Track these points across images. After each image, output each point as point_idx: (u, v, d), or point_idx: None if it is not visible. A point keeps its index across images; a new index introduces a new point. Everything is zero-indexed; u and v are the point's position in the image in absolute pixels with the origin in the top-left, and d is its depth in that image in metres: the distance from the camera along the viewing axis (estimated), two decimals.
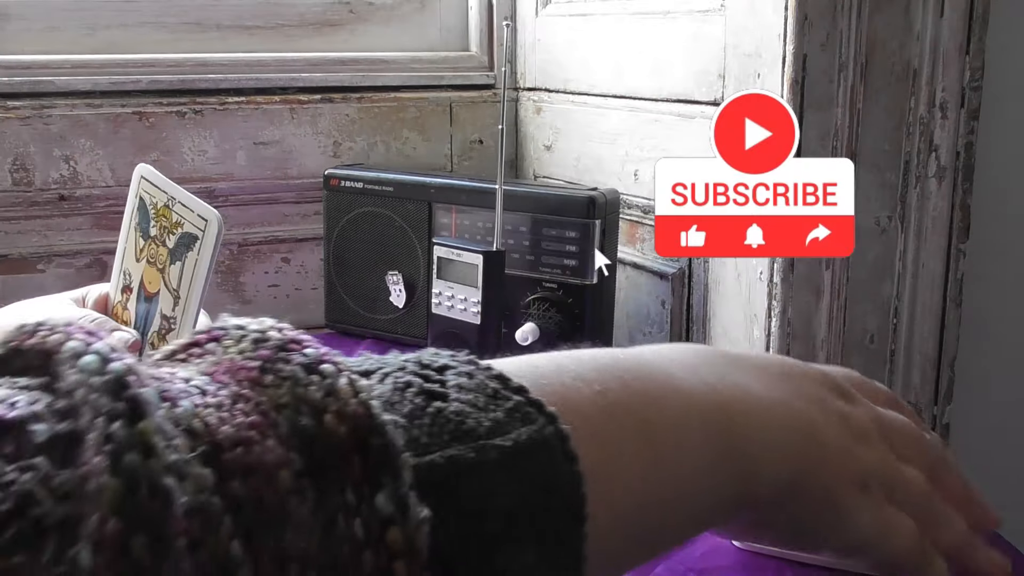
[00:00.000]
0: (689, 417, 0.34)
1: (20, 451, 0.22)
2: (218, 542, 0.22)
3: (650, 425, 0.32)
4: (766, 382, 0.38)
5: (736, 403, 0.36)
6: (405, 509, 0.24)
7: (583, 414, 0.30)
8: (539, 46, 1.04)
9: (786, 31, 0.72)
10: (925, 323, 0.82)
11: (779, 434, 0.36)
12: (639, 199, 0.89)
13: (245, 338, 0.27)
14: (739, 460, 0.35)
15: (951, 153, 0.79)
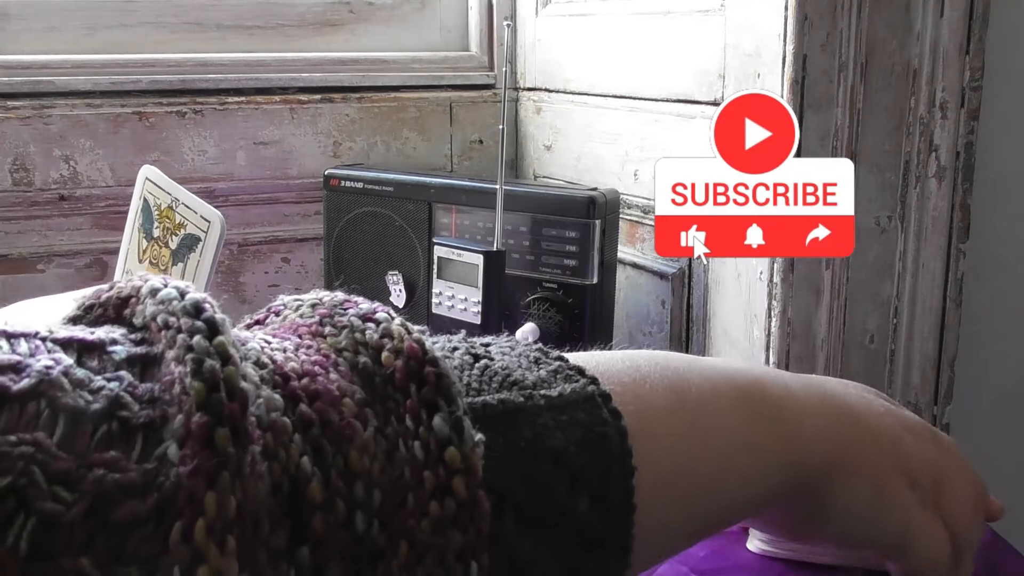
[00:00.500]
0: (725, 387, 0.34)
1: (103, 366, 0.23)
2: (289, 456, 0.23)
3: (685, 396, 0.33)
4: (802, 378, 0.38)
5: (771, 380, 0.36)
6: (460, 431, 0.26)
7: (620, 382, 0.31)
8: (539, 46, 1.04)
9: (786, 31, 0.72)
10: (925, 323, 0.82)
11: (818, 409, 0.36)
12: (639, 199, 0.90)
13: (303, 305, 0.29)
14: (778, 426, 0.35)
15: (951, 153, 0.79)
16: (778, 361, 0.76)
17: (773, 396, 0.35)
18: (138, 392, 0.23)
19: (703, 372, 0.34)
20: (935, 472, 0.38)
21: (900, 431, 0.38)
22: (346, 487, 0.24)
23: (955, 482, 0.39)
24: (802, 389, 0.37)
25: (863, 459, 0.36)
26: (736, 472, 0.34)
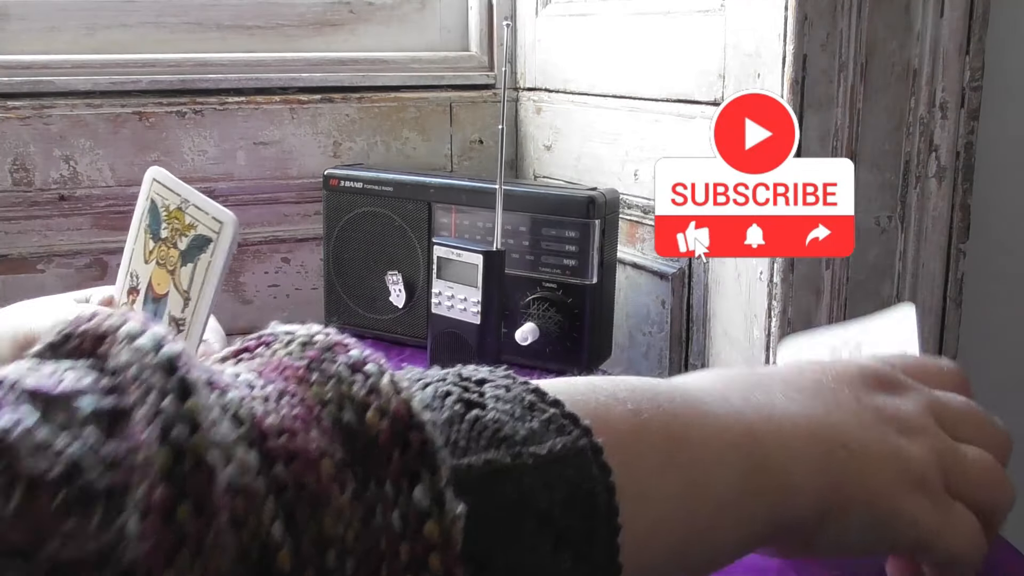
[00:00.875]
0: (718, 442, 0.34)
1: (69, 422, 0.22)
2: (260, 522, 0.22)
3: (679, 449, 0.32)
4: (794, 397, 0.37)
5: (761, 424, 0.35)
6: (442, 503, 0.25)
7: (615, 431, 0.30)
8: (539, 46, 1.04)
9: (786, 31, 0.72)
10: (925, 323, 0.82)
11: (806, 449, 0.35)
12: (639, 199, 0.89)
13: (293, 341, 0.28)
14: (769, 477, 0.34)
15: (951, 153, 0.79)
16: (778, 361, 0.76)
17: (763, 445, 0.34)
18: (102, 453, 0.22)
19: (703, 422, 0.34)
20: (941, 459, 0.37)
21: (895, 439, 0.36)
22: (318, 555, 0.23)
23: (967, 458, 0.38)
24: (791, 426, 0.35)
25: (855, 487, 0.35)
26: (725, 526, 0.33)
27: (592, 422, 0.30)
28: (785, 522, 0.34)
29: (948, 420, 0.39)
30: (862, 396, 0.38)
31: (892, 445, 0.36)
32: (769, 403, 0.36)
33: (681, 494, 0.32)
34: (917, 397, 0.39)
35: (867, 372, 0.39)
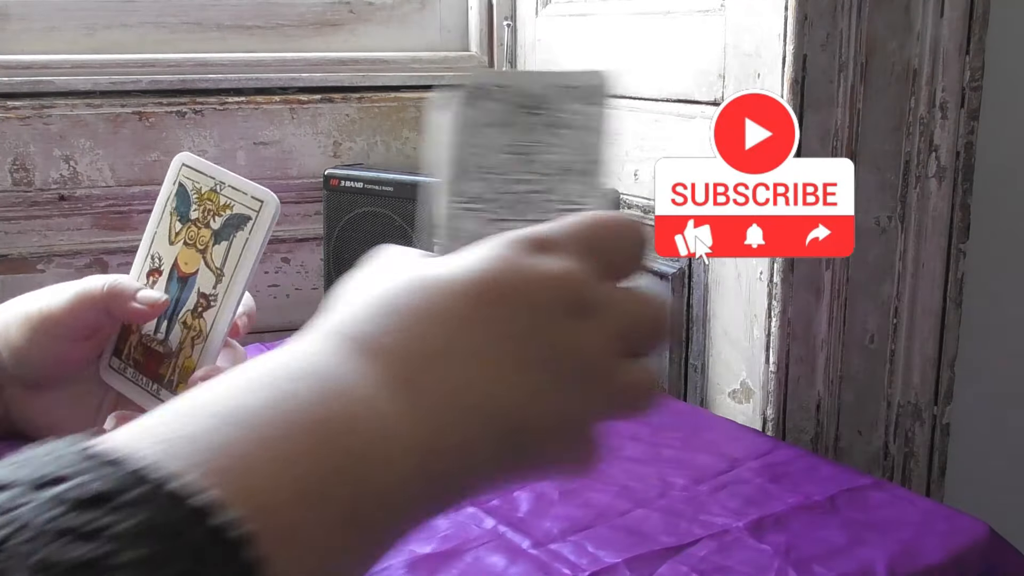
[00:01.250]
0: (398, 490, 0.30)
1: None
2: None
3: (358, 518, 0.28)
4: (474, 374, 0.33)
5: (440, 439, 0.31)
6: None
7: (275, 514, 0.26)
8: (539, 46, 1.04)
9: (786, 31, 0.72)
10: (925, 323, 0.82)
11: (482, 447, 0.32)
12: (639, 199, 0.90)
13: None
14: (449, 490, 0.32)
15: (951, 153, 0.79)
16: (778, 361, 0.76)
17: (443, 459, 0.31)
18: None
19: (384, 472, 0.29)
20: (610, 403, 0.36)
21: (572, 402, 0.34)
22: None
23: (632, 388, 0.36)
24: (474, 425, 0.32)
25: (533, 459, 0.34)
26: (394, 536, 0.30)
27: (246, 505, 0.24)
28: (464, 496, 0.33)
29: (630, 341, 0.36)
30: (548, 338, 0.34)
31: (566, 413, 0.35)
32: (448, 399, 0.32)
33: (354, 547, 0.28)
34: (604, 326, 0.35)
35: (558, 297, 0.35)
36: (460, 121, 0.48)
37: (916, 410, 0.84)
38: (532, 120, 0.49)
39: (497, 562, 0.49)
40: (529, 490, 0.58)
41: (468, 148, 0.48)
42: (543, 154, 0.50)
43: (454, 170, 0.48)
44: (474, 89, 0.48)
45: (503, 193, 0.49)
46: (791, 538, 0.52)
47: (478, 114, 0.49)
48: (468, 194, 0.48)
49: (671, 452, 0.64)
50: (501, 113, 0.49)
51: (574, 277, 0.35)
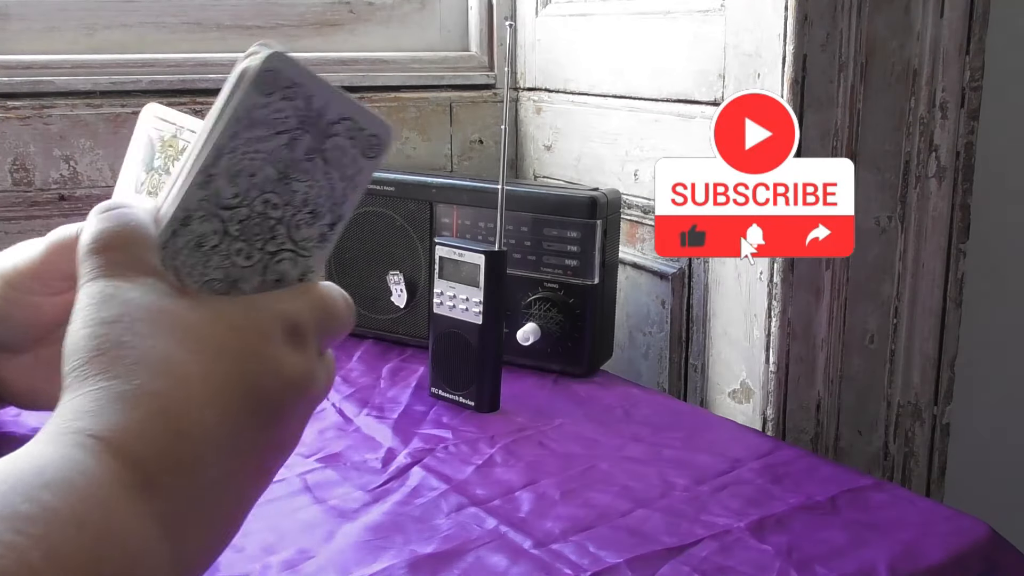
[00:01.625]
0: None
1: None
2: None
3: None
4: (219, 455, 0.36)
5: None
6: None
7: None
8: (539, 46, 1.05)
9: (786, 31, 0.72)
10: (925, 323, 0.82)
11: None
12: (639, 199, 0.90)
13: None
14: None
15: (951, 153, 0.79)
16: (778, 361, 0.76)
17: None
18: None
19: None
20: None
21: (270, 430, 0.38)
22: None
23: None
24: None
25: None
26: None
27: None
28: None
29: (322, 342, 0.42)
30: (287, 425, 0.40)
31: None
32: (192, 529, 0.34)
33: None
34: (306, 362, 0.40)
35: (298, 396, 0.40)
36: (244, 104, 0.43)
37: (916, 410, 0.84)
38: (306, 141, 0.45)
39: (499, 562, 0.49)
40: (531, 491, 0.58)
41: (238, 140, 0.43)
42: (300, 182, 0.45)
43: (213, 157, 0.43)
44: (271, 75, 0.43)
45: (247, 207, 0.44)
46: (792, 538, 0.52)
47: (262, 105, 0.43)
48: (219, 195, 0.43)
49: (672, 452, 0.64)
50: (283, 118, 0.44)
51: (311, 378, 0.40)
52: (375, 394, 0.76)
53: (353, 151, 0.46)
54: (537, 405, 0.74)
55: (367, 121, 0.46)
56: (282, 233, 0.45)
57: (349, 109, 0.46)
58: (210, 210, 0.43)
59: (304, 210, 0.46)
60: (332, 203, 0.47)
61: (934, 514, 0.56)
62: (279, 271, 0.46)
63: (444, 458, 0.63)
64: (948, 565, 0.51)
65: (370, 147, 0.47)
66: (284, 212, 0.45)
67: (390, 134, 0.47)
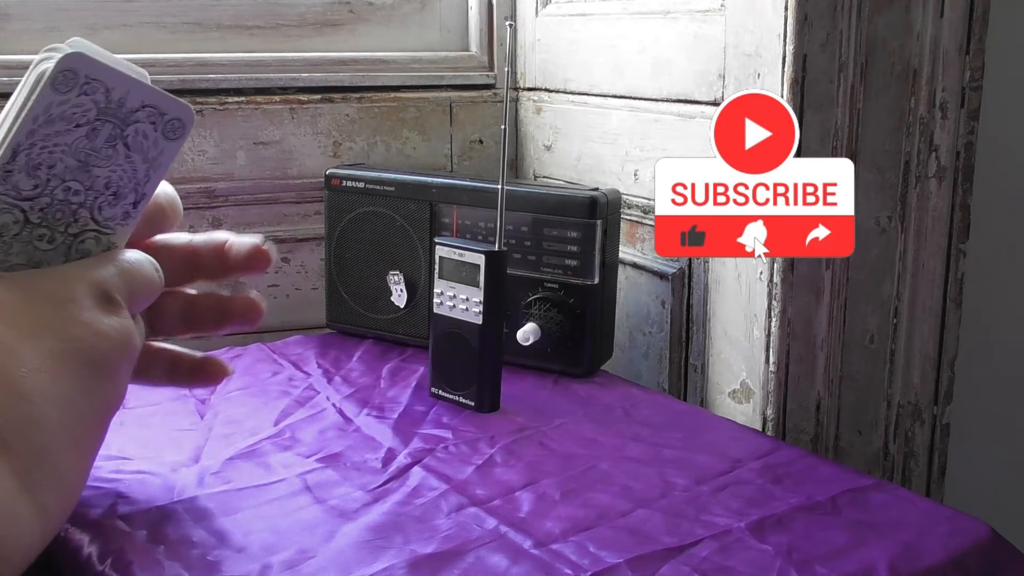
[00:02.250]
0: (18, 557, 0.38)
1: None
2: None
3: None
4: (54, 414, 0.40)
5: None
6: None
7: None
8: (539, 46, 1.05)
9: (786, 31, 0.72)
10: (925, 323, 0.82)
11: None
12: (639, 199, 0.90)
13: None
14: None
15: (951, 153, 0.79)
16: (778, 361, 0.76)
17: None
18: None
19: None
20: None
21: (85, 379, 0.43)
22: None
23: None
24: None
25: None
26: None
27: None
28: None
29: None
30: (113, 386, 0.45)
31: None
32: (44, 478, 0.39)
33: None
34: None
35: (121, 355, 0.45)
36: (41, 104, 0.45)
37: (916, 410, 0.84)
38: (107, 130, 0.47)
39: (499, 562, 0.49)
40: (531, 491, 0.58)
41: (35, 138, 0.45)
42: (101, 167, 0.48)
43: (9, 155, 0.45)
44: (69, 75, 0.45)
45: (48, 195, 0.46)
46: (793, 539, 0.52)
47: (60, 103, 0.45)
48: (18, 188, 0.45)
49: (672, 452, 0.64)
50: (82, 112, 0.46)
51: (130, 336, 0.45)
52: (375, 394, 0.76)
53: (155, 134, 0.49)
54: (537, 405, 0.74)
55: (168, 106, 0.49)
56: (84, 216, 0.48)
57: (150, 97, 0.48)
58: (9, 203, 0.45)
59: (106, 193, 0.48)
60: (135, 184, 0.50)
61: (934, 514, 0.56)
62: (83, 250, 0.48)
63: (444, 458, 0.63)
64: (948, 565, 0.51)
65: (172, 129, 0.50)
66: (86, 197, 0.48)
67: (191, 116, 0.50)
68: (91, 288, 0.45)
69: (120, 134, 0.48)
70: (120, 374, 0.45)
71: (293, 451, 0.64)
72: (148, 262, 0.49)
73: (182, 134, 0.50)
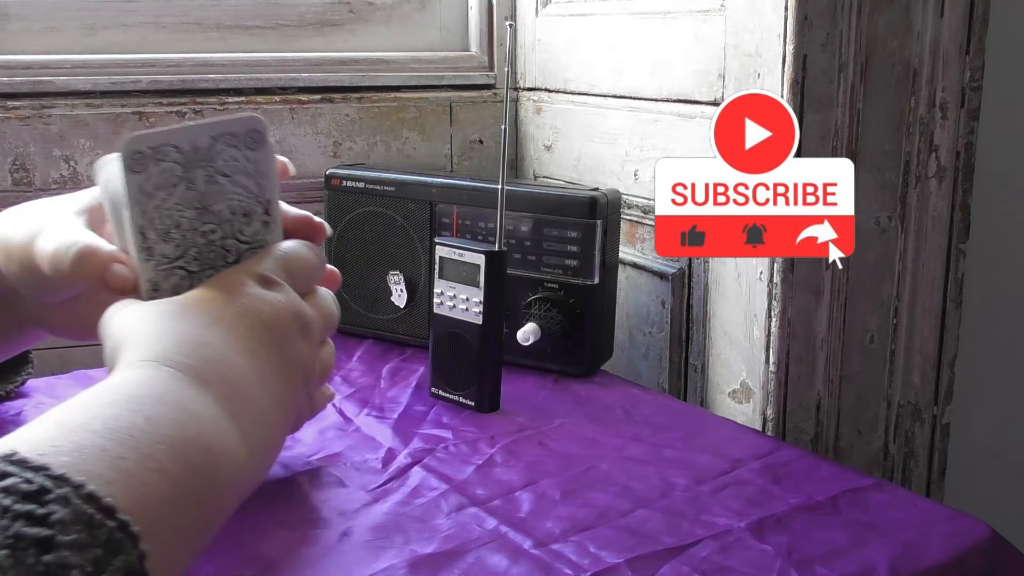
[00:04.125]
0: (234, 485, 0.43)
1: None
2: None
3: (207, 508, 0.40)
4: (256, 377, 0.47)
5: (249, 431, 0.45)
6: None
7: (155, 512, 0.36)
8: (539, 46, 1.05)
9: (786, 31, 0.72)
10: (925, 323, 0.82)
11: (276, 438, 0.50)
12: (639, 199, 0.90)
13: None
14: (258, 468, 0.48)
15: (951, 153, 0.79)
16: (778, 361, 0.76)
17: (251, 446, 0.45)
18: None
19: (223, 473, 0.42)
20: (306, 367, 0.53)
21: (280, 372, 0.50)
22: None
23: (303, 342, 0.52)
24: (262, 423, 0.47)
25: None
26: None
27: (134, 508, 0.34)
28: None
29: (323, 336, 0.55)
30: (290, 355, 0.50)
31: (297, 399, 0.52)
32: (253, 412, 0.46)
33: (203, 531, 0.40)
34: (313, 336, 0.53)
35: (291, 322, 0.51)
36: (131, 190, 0.50)
37: (916, 410, 0.84)
38: (200, 173, 0.52)
39: (499, 562, 0.49)
40: (531, 491, 0.58)
41: (148, 215, 0.51)
42: (218, 203, 0.53)
43: (142, 237, 0.51)
44: (135, 155, 0.50)
45: (192, 247, 0.52)
46: (793, 539, 0.52)
47: (145, 180, 0.51)
48: (165, 255, 0.52)
49: (672, 452, 0.64)
50: (167, 174, 0.51)
51: (294, 305, 0.51)
52: (375, 394, 0.76)
53: (241, 153, 0.54)
54: (537, 405, 0.74)
55: (236, 126, 0.54)
56: (232, 243, 0.54)
57: (214, 129, 0.53)
58: (167, 268, 0.52)
59: (236, 218, 0.54)
60: (255, 198, 0.55)
61: (934, 514, 0.56)
62: None
63: (444, 458, 0.63)
64: (948, 565, 0.51)
65: (253, 141, 0.55)
66: (223, 230, 0.53)
67: (260, 122, 0.56)
68: (251, 275, 0.51)
69: (213, 171, 0.53)
70: (291, 338, 0.50)
71: (293, 451, 0.64)
72: (302, 246, 0.56)
73: (263, 139, 0.55)
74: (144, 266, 0.51)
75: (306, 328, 0.52)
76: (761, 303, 0.77)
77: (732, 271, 0.80)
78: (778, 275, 0.75)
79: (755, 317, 0.78)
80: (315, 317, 0.53)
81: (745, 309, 0.79)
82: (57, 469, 0.32)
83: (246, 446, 0.44)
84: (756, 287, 0.77)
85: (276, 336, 0.49)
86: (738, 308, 0.80)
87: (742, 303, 0.79)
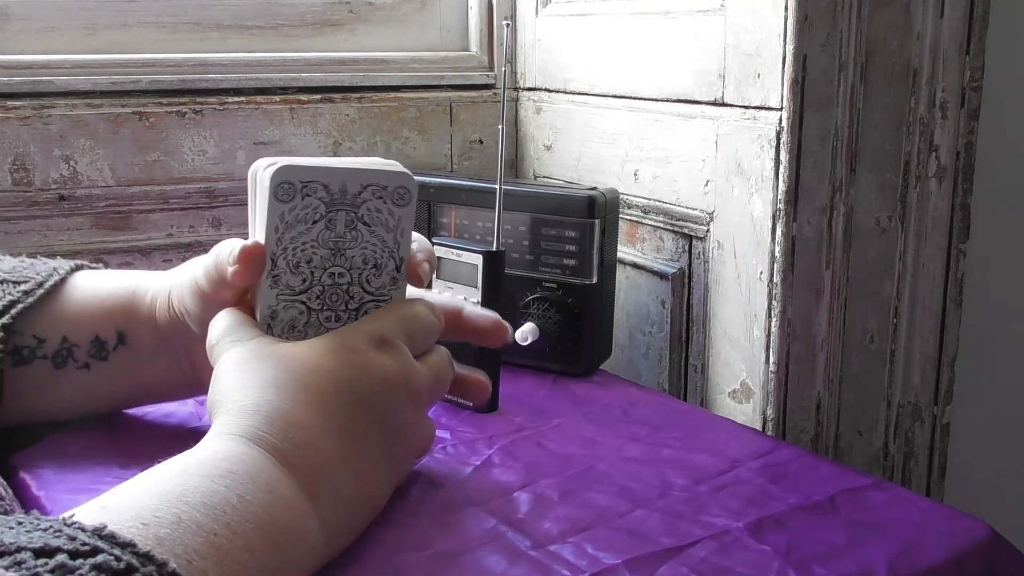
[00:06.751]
0: (306, 568, 0.44)
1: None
2: None
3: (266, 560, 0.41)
4: (346, 459, 0.48)
5: (330, 517, 0.46)
6: None
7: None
8: (539, 46, 1.05)
9: (786, 31, 0.72)
10: (925, 323, 0.82)
11: (359, 520, 0.50)
12: (639, 199, 0.90)
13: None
14: (334, 547, 0.48)
15: (951, 153, 0.79)
16: (778, 361, 0.76)
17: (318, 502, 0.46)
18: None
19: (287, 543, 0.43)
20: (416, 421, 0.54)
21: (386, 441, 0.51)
22: None
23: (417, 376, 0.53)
24: (330, 474, 0.48)
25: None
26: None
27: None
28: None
29: (432, 401, 0.55)
30: (395, 423, 0.51)
31: (400, 467, 0.54)
32: (337, 496, 0.47)
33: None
34: (422, 403, 0.53)
35: (400, 391, 0.51)
36: (271, 217, 0.52)
37: (916, 410, 0.84)
38: (342, 216, 0.54)
39: (497, 563, 0.49)
40: (529, 491, 0.58)
41: (283, 244, 0.52)
42: (352, 248, 0.54)
43: (272, 264, 0.52)
44: (283, 184, 0.51)
45: (318, 284, 0.54)
46: (791, 538, 0.52)
47: (288, 210, 0.52)
48: (290, 287, 0.53)
49: (671, 452, 0.64)
50: (310, 210, 0.53)
51: (406, 372, 0.51)
52: None
53: (386, 206, 0.55)
54: (536, 405, 0.74)
55: (387, 179, 0.55)
56: (357, 291, 0.55)
57: (367, 178, 0.54)
58: (289, 299, 0.53)
59: (367, 267, 0.55)
60: (389, 252, 0.56)
61: (934, 514, 0.56)
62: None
63: (442, 459, 0.63)
64: (948, 565, 0.51)
65: (400, 197, 0.56)
66: (351, 276, 0.54)
67: (412, 181, 0.57)
68: (367, 335, 0.51)
69: (355, 217, 0.54)
70: (400, 408, 0.51)
71: None
72: (423, 305, 0.56)
73: (410, 199, 0.56)
74: (267, 293, 0.53)
75: (415, 396, 0.52)
76: (761, 303, 0.77)
77: (732, 271, 0.80)
78: (778, 275, 0.75)
79: (755, 317, 0.78)
80: (425, 384, 0.53)
81: (745, 309, 0.79)
82: (143, 547, 0.34)
83: (324, 531, 0.45)
84: (756, 287, 0.77)
85: (377, 412, 0.50)
86: (738, 308, 0.79)
87: (742, 303, 0.79)
